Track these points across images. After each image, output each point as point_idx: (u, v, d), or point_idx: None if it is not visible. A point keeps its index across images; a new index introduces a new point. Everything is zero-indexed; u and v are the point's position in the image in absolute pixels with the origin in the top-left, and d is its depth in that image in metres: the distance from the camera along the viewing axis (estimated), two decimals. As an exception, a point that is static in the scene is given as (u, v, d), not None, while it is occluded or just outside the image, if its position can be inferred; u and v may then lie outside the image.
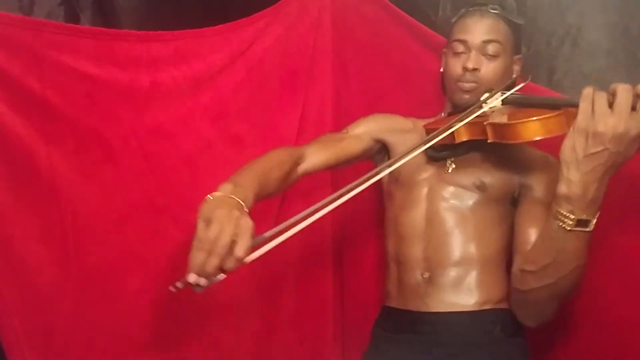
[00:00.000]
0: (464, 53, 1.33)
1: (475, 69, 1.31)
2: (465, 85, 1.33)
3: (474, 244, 1.29)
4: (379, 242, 1.52)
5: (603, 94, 1.01)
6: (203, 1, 1.90)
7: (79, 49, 1.34)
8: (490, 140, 1.22)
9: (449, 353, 1.25)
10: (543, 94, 1.44)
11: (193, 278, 0.95)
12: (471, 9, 1.36)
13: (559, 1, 1.58)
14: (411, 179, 1.36)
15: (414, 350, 1.28)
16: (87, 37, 1.36)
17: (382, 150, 1.45)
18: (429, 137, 1.22)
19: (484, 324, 1.27)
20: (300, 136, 1.54)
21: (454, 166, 1.33)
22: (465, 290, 1.27)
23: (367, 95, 1.61)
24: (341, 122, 1.53)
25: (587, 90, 1.01)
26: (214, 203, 1.00)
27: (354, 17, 1.62)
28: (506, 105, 1.27)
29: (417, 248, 1.31)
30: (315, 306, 1.53)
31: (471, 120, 1.22)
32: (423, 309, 1.28)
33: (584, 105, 1.00)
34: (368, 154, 1.44)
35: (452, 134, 1.26)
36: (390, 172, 1.40)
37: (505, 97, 1.26)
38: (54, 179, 1.33)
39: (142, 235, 1.40)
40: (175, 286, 0.97)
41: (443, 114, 1.45)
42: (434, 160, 1.35)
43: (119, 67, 1.38)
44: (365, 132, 1.42)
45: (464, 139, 1.26)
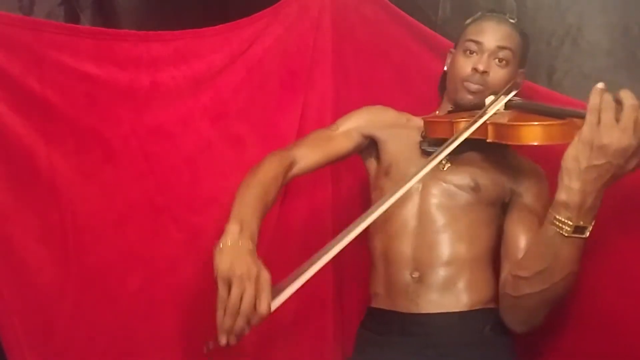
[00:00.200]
0: (476, 54, 1.34)
1: (485, 72, 1.32)
2: (472, 87, 1.33)
3: (464, 244, 1.29)
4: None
5: (610, 104, 1.01)
6: (203, 1, 1.90)
7: (79, 49, 1.34)
8: (489, 140, 1.22)
9: (440, 354, 1.25)
10: (543, 93, 1.44)
11: (224, 340, 1.01)
12: (489, 14, 1.38)
13: (559, 1, 1.58)
14: (403, 173, 1.33)
15: (405, 352, 1.27)
16: (87, 37, 1.36)
17: (371, 145, 1.45)
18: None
19: (474, 324, 1.27)
20: (300, 136, 1.54)
21: (449, 165, 1.33)
22: (455, 291, 1.27)
23: (367, 95, 1.61)
24: (341, 122, 1.53)
25: (594, 101, 1.02)
26: (228, 256, 1.03)
27: (354, 17, 1.62)
28: (509, 109, 1.28)
29: (407, 246, 1.30)
30: (315, 306, 1.53)
31: (474, 119, 1.22)
32: (413, 310, 1.28)
33: (591, 117, 1.02)
34: (357, 151, 1.44)
35: (452, 130, 1.26)
36: (379, 165, 1.41)
37: (516, 100, 1.27)
38: (54, 179, 1.33)
39: (142, 235, 1.41)
40: (209, 348, 1.03)
41: (438, 112, 1.45)
42: (427, 154, 1.34)
43: (119, 67, 1.38)
44: (355, 129, 1.42)
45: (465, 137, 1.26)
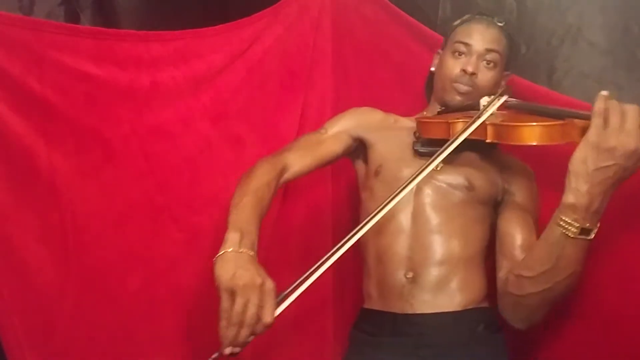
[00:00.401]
0: (464, 56, 1.36)
1: (473, 74, 1.35)
2: (462, 88, 1.36)
3: (458, 243, 1.30)
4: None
5: (617, 108, 1.03)
6: (203, 1, 1.90)
7: (79, 49, 1.34)
8: (489, 140, 1.22)
9: (435, 354, 1.25)
10: (542, 93, 1.45)
11: (229, 350, 1.02)
12: (478, 17, 1.40)
13: (559, 1, 1.58)
14: (395, 174, 1.34)
15: (399, 353, 1.27)
16: (87, 37, 1.36)
17: (360, 147, 1.45)
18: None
19: (468, 323, 1.28)
20: (300, 136, 1.54)
21: (442, 164, 1.32)
22: (449, 291, 1.28)
23: (367, 95, 1.61)
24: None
25: (600, 105, 1.04)
26: (230, 265, 1.03)
27: (354, 17, 1.62)
28: (505, 109, 1.28)
29: (402, 246, 1.31)
30: (315, 306, 1.53)
31: (472, 120, 1.22)
32: (408, 310, 1.28)
33: (597, 120, 1.03)
34: (346, 153, 1.45)
35: (449, 130, 1.26)
36: (369, 166, 1.41)
37: (512, 101, 1.27)
38: (54, 179, 1.33)
39: (142, 235, 1.41)
40: (213, 359, 1.03)
41: (426, 112, 1.46)
42: (421, 155, 1.34)
43: (119, 67, 1.38)
44: (344, 131, 1.43)
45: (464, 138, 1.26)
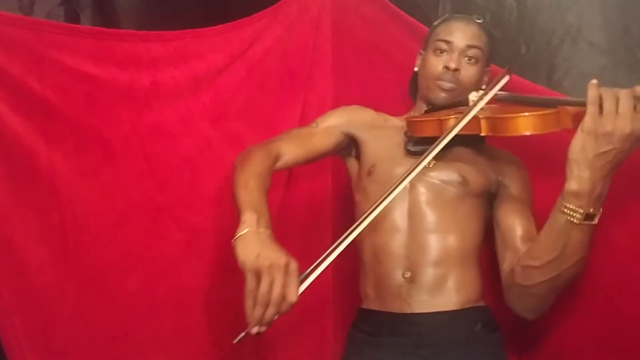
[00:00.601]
0: (446, 53, 1.39)
1: (456, 70, 1.37)
2: (445, 85, 1.38)
3: (453, 238, 1.31)
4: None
5: (609, 93, 1.05)
6: (203, 1, 1.90)
7: (79, 49, 1.34)
8: (484, 134, 1.23)
9: (433, 353, 1.26)
10: (541, 92, 1.45)
11: (256, 330, 1.03)
12: (457, 15, 1.45)
13: (559, 1, 1.58)
14: (388, 173, 1.34)
15: (397, 353, 1.28)
16: (87, 37, 1.36)
17: (351, 145, 1.46)
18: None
19: (465, 323, 1.29)
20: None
21: (434, 162, 1.33)
22: (446, 290, 1.29)
23: (367, 95, 1.61)
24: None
25: (593, 92, 1.06)
26: (253, 246, 1.05)
27: (354, 17, 1.62)
28: (495, 103, 1.29)
29: (399, 245, 1.31)
30: (315, 306, 1.53)
31: (464, 115, 1.23)
32: (406, 310, 1.29)
33: (592, 108, 1.06)
34: (337, 149, 1.46)
35: (441, 127, 1.27)
36: (361, 167, 1.42)
37: (501, 94, 1.28)
38: (54, 179, 1.33)
39: (142, 235, 1.40)
40: (240, 338, 1.04)
41: (413, 113, 1.47)
42: (413, 154, 1.35)
43: (119, 67, 1.38)
44: (336, 126, 1.44)
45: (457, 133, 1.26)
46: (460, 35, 1.39)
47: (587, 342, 1.36)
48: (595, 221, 1.11)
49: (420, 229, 1.31)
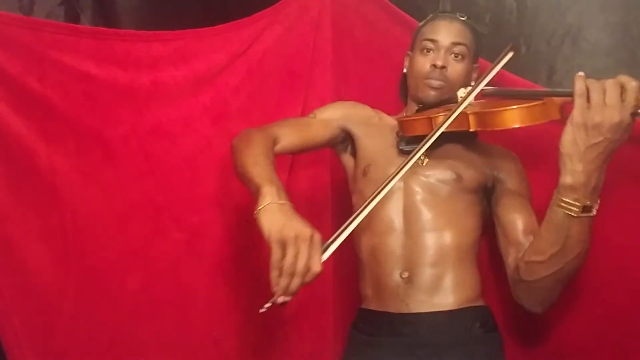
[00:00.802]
0: (433, 52, 1.40)
1: (443, 67, 1.38)
2: (434, 83, 1.38)
3: (450, 235, 1.31)
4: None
5: (596, 85, 1.06)
6: (203, 1, 1.90)
7: (79, 49, 1.34)
8: (473, 129, 1.24)
9: (431, 353, 1.26)
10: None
11: (281, 299, 1.03)
12: (441, 14, 1.46)
13: (559, 1, 1.58)
14: (382, 174, 1.33)
15: (396, 352, 1.28)
16: (87, 37, 1.36)
17: (346, 139, 1.47)
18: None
19: (464, 322, 1.29)
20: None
21: (427, 160, 1.35)
22: (444, 290, 1.29)
23: (367, 95, 1.61)
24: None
25: (580, 85, 1.07)
26: (277, 218, 1.05)
27: (354, 17, 1.62)
28: (482, 98, 1.29)
29: (396, 244, 1.32)
30: (315, 306, 1.53)
31: (452, 111, 1.23)
32: (404, 310, 1.29)
33: (579, 100, 1.06)
34: (333, 142, 1.46)
35: (431, 125, 1.27)
36: (356, 168, 1.42)
37: (488, 89, 1.28)
38: (54, 179, 1.33)
39: (142, 235, 1.41)
40: (266, 308, 1.04)
41: (405, 113, 1.47)
42: (405, 154, 1.34)
43: (119, 67, 1.38)
44: (333, 119, 1.45)
45: (445, 130, 1.26)
46: (446, 33, 1.40)
47: (587, 341, 1.37)
48: (594, 212, 1.11)
49: (416, 229, 1.32)
